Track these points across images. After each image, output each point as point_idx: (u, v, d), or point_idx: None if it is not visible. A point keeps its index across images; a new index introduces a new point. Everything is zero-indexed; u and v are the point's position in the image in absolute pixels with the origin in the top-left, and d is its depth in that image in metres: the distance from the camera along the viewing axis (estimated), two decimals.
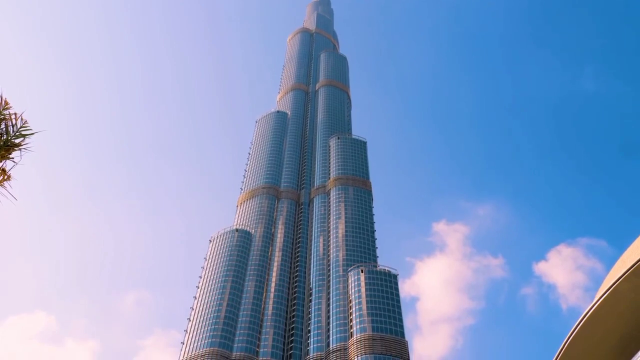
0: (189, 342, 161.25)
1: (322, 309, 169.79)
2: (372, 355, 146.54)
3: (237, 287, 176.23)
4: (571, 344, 50.68)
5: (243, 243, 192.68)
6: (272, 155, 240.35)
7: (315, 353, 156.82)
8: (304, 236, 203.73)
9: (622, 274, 47.18)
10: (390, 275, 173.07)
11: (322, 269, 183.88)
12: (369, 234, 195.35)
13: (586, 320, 49.53)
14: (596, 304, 49.03)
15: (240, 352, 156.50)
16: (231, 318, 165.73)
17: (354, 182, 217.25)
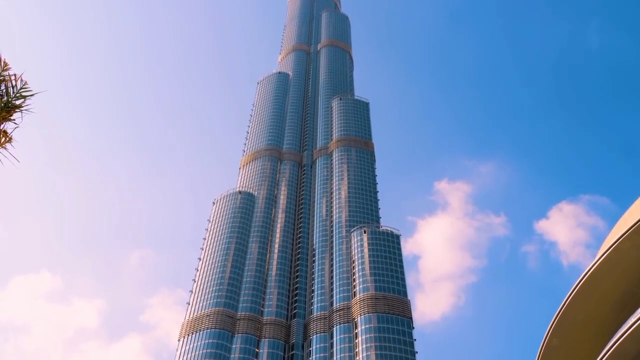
0: (194, 302, 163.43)
1: (325, 269, 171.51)
2: (375, 314, 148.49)
3: (241, 248, 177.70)
4: (572, 301, 51.22)
5: (246, 205, 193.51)
6: (274, 117, 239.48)
7: (318, 312, 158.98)
8: (307, 198, 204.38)
9: (625, 232, 47.37)
10: (393, 236, 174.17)
11: (325, 230, 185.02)
12: (372, 195, 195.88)
13: (588, 277, 49.94)
14: (598, 261, 49.35)
15: (245, 312, 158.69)
16: (235, 279, 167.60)
17: (356, 143, 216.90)
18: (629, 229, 47.27)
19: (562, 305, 52.14)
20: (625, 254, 48.26)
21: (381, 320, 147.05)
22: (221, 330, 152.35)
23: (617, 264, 48.67)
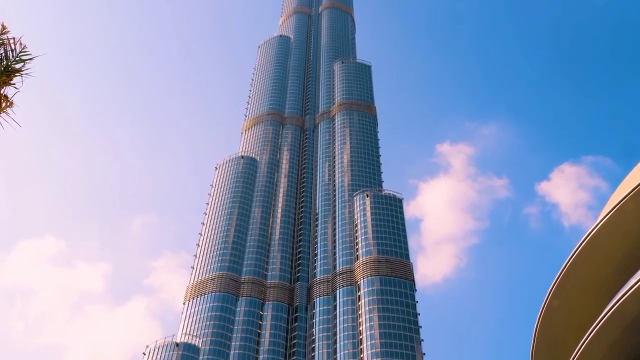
0: (198, 266, 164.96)
1: (328, 233, 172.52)
2: (378, 277, 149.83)
3: (244, 213, 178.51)
4: (574, 263, 51.52)
5: (249, 170, 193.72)
6: (275, 81, 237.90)
7: (322, 276, 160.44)
8: (309, 162, 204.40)
9: (628, 193, 47.32)
10: (395, 200, 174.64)
11: (328, 194, 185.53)
12: (374, 159, 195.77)
13: (590, 239, 50.12)
14: (600, 223, 49.46)
15: (249, 276, 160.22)
16: (239, 243, 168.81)
17: (358, 107, 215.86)
18: (632, 190, 47.22)
19: (563, 267, 52.45)
20: (628, 216, 48.32)
21: (384, 283, 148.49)
22: (225, 293, 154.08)
23: (620, 226, 48.77)
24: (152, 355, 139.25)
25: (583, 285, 52.94)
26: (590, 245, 50.50)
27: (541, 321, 54.92)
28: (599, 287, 51.81)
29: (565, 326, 54.04)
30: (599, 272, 51.98)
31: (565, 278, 52.61)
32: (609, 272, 51.31)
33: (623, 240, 49.93)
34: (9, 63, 12.04)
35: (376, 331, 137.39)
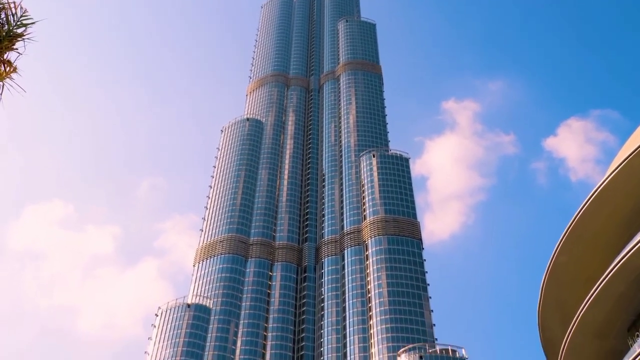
0: (207, 229, 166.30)
1: (335, 194, 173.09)
2: (385, 237, 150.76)
3: (251, 175, 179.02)
4: (581, 218, 51.63)
5: (254, 132, 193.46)
6: (279, 42, 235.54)
7: (329, 236, 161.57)
8: (315, 123, 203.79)
9: (636, 148, 47.08)
10: (402, 159, 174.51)
11: (334, 155, 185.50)
12: (380, 118, 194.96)
13: (597, 194, 50.10)
14: (608, 178, 49.36)
15: (257, 238, 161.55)
16: (247, 205, 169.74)
17: (363, 66, 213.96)
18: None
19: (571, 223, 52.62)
20: (635, 171, 48.17)
21: (391, 242, 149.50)
22: (235, 255, 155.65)
23: (627, 181, 48.68)
24: (164, 316, 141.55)
25: (590, 241, 53.18)
26: (598, 201, 50.55)
27: (548, 277, 55.38)
28: (606, 242, 52.02)
29: (572, 281, 54.49)
30: (606, 228, 52.13)
31: (572, 234, 52.83)
32: (615, 227, 51.44)
33: (630, 195, 49.91)
34: (11, 28, 11.97)
35: (384, 289, 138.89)
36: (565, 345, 52.09)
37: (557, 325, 57.09)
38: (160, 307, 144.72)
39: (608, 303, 48.25)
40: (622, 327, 50.01)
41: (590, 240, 53.24)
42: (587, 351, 52.22)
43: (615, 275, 46.34)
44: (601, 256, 51.63)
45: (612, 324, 49.92)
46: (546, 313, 57.85)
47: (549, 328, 58.67)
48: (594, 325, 49.97)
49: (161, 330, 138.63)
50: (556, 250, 54.03)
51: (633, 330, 48.39)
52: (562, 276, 54.67)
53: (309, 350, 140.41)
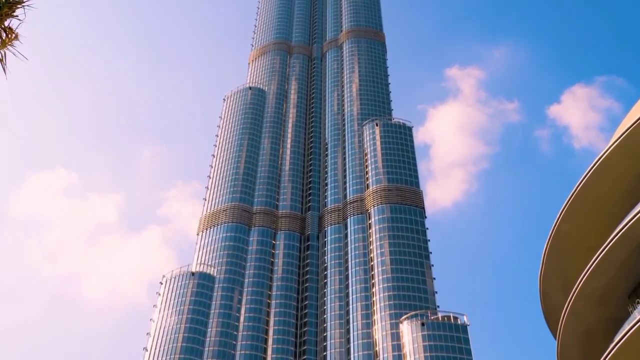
0: (210, 198, 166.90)
1: (338, 163, 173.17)
2: (388, 205, 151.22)
3: (254, 144, 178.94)
4: (584, 186, 51.65)
5: (257, 101, 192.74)
6: (281, 9, 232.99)
7: (332, 205, 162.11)
8: (318, 92, 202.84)
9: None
10: (405, 128, 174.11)
11: (337, 124, 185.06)
12: (383, 87, 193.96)
13: (601, 162, 50.00)
14: (611, 147, 49.22)
15: (260, 207, 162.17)
16: (250, 174, 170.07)
17: (366, 34, 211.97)
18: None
19: (573, 191, 52.65)
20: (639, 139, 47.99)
21: (394, 211, 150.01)
22: (238, 224, 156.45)
23: (631, 148, 48.54)
24: (168, 284, 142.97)
25: (592, 209, 53.27)
26: (600, 169, 50.49)
27: (550, 245, 55.62)
28: (608, 211, 52.11)
29: (574, 250, 54.72)
30: (608, 196, 52.17)
31: (574, 202, 52.89)
32: (618, 195, 51.47)
33: (633, 163, 49.83)
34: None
35: (387, 258, 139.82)
36: (565, 312, 52.57)
37: (558, 293, 57.53)
38: (165, 276, 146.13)
39: (609, 271, 48.55)
40: (623, 294, 50.39)
41: (593, 209, 53.33)
42: (588, 318, 52.72)
43: (617, 244, 46.53)
44: (603, 224, 51.75)
45: (613, 291, 50.29)
46: (547, 281, 58.25)
47: (550, 295, 59.13)
48: (595, 292, 50.35)
49: (166, 298, 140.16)
50: (558, 218, 54.17)
51: (634, 297, 48.78)
52: (564, 244, 54.89)
53: (312, 318, 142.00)
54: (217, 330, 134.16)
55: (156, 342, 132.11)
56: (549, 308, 60.23)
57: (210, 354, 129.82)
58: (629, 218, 45.94)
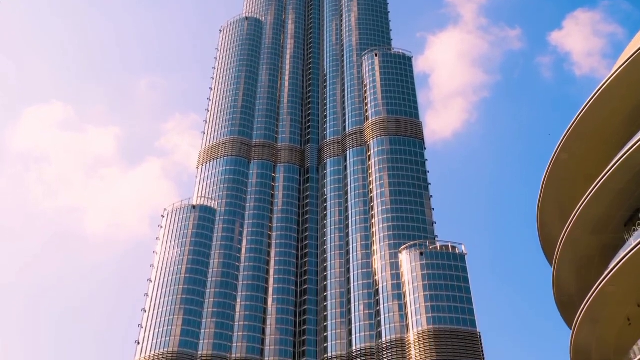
0: (209, 131, 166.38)
1: (337, 95, 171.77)
2: (388, 137, 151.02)
3: (251, 77, 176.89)
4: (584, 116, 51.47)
5: (254, 32, 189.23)
6: None
7: (332, 137, 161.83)
8: (316, 22, 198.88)
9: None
10: (405, 58, 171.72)
11: (336, 55, 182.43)
12: (382, 16, 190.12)
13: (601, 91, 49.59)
14: (614, 73, 48.68)
15: (259, 139, 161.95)
16: (248, 107, 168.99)
17: None
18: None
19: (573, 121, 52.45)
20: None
21: (393, 143, 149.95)
22: (237, 157, 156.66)
23: (634, 76, 47.98)
24: (170, 217, 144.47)
25: (592, 138, 53.26)
26: (601, 98, 50.13)
27: (549, 174, 55.91)
28: (608, 140, 52.10)
29: (572, 178, 55.06)
30: (608, 125, 52.04)
31: (574, 131, 52.82)
32: (618, 125, 51.35)
33: (635, 91, 49.41)
34: None
35: (386, 189, 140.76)
36: (562, 240, 53.38)
37: (555, 222, 58.27)
38: (166, 209, 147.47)
39: (607, 199, 48.99)
40: (620, 222, 51.03)
41: (592, 138, 53.27)
42: (584, 246, 53.59)
43: (616, 172, 46.74)
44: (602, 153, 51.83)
45: (610, 220, 50.91)
46: (545, 210, 58.88)
47: (547, 224, 59.91)
48: (592, 220, 50.98)
49: (168, 231, 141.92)
50: (558, 147, 54.20)
51: (630, 225, 49.42)
52: (563, 173, 55.17)
53: (313, 249, 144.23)
54: (220, 262, 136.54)
55: (160, 274, 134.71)
56: (546, 237, 61.17)
57: (213, 284, 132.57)
58: (628, 147, 45.96)
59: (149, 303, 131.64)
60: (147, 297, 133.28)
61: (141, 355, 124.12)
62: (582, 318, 51.25)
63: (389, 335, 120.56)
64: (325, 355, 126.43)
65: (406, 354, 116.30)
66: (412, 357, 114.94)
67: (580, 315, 51.30)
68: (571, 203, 52.45)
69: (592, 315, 50.70)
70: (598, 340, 54.24)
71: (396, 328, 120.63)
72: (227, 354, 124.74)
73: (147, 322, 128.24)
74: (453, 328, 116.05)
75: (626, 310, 49.39)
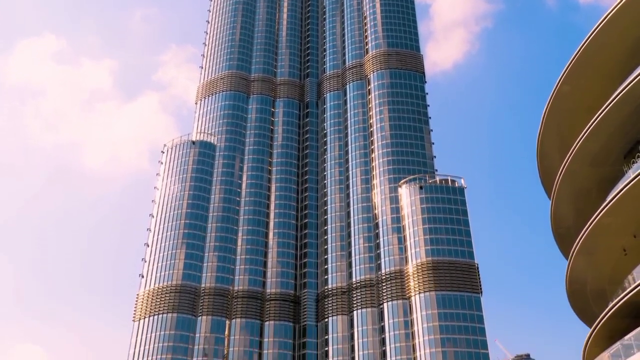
0: (207, 66, 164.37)
1: (336, 27, 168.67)
2: (388, 70, 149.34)
3: (249, 9, 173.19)
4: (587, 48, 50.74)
5: None
6: None
7: (331, 71, 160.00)
8: None
9: None
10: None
11: None
12: None
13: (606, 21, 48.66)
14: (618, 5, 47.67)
15: (258, 74, 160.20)
16: (246, 41, 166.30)
17: None
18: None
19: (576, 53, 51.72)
20: None
21: (393, 76, 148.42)
22: (236, 92, 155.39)
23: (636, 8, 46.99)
24: (170, 153, 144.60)
25: (595, 71, 52.69)
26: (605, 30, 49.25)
27: (550, 106, 55.61)
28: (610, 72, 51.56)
29: (573, 111, 54.80)
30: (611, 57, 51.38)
31: (577, 63, 52.20)
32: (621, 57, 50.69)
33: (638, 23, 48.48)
34: None
35: (386, 123, 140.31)
36: (561, 173, 53.59)
37: (555, 154, 58.36)
38: (166, 145, 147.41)
39: (607, 131, 48.89)
40: (619, 154, 51.07)
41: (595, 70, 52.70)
42: (583, 178, 53.85)
43: (617, 104, 46.46)
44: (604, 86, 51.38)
45: (609, 152, 50.95)
46: (545, 142, 58.85)
47: (547, 157, 60.03)
48: (592, 153, 51.03)
49: (168, 167, 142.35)
50: (560, 79, 53.67)
51: (629, 157, 49.49)
52: (564, 105, 54.85)
53: (313, 184, 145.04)
54: (220, 197, 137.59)
55: (161, 209, 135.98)
56: (545, 169, 61.41)
57: (214, 219, 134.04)
58: (630, 79, 45.51)
59: (151, 238, 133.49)
60: (149, 232, 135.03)
61: (145, 288, 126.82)
62: (579, 249, 52.03)
63: (388, 267, 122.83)
64: (325, 287, 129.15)
65: (405, 285, 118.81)
66: (411, 288, 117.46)
67: (576, 246, 52.06)
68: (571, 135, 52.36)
69: (589, 246, 51.46)
70: (593, 271, 55.27)
71: (395, 260, 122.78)
72: (229, 287, 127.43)
73: (151, 257, 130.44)
74: (451, 260, 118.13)
75: (622, 241, 50.09)
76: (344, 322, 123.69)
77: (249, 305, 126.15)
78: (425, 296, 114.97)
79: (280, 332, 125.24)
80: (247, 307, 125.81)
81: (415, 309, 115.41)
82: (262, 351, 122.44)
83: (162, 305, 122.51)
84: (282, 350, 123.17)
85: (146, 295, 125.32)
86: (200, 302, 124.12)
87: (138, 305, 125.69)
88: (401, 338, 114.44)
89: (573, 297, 59.92)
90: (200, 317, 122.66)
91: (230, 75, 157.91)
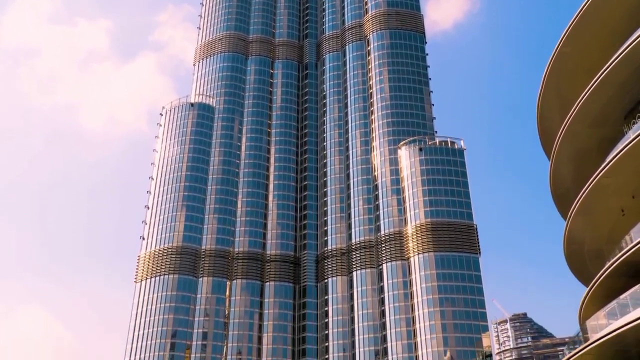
0: (204, 26, 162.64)
1: None
2: (388, 31, 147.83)
3: None
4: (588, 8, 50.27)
5: None
6: None
7: (330, 32, 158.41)
8: None
9: None
10: None
11: None
12: None
13: None
14: None
15: (256, 35, 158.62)
16: (244, 1, 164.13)
17: None
18: None
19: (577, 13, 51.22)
20: None
21: (393, 37, 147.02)
22: (235, 53, 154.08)
23: None
24: (169, 115, 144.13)
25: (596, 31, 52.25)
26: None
27: (551, 67, 55.29)
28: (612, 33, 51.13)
29: (574, 71, 54.48)
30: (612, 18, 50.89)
31: (578, 24, 51.72)
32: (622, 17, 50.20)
33: None
34: None
35: (386, 85, 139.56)
36: (561, 133, 53.58)
37: (555, 115, 58.23)
38: (165, 107, 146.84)
39: (608, 92, 48.70)
40: (619, 115, 51.00)
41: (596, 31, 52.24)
42: (582, 139, 53.84)
43: (618, 64, 46.17)
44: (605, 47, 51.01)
45: (610, 112, 50.85)
46: (545, 103, 58.67)
47: (547, 118, 59.90)
48: (592, 113, 50.92)
49: (167, 129, 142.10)
50: (561, 40, 53.23)
51: (630, 117, 49.43)
52: (565, 66, 54.52)
53: (312, 146, 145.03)
54: (220, 159, 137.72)
55: (161, 171, 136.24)
56: (545, 130, 61.37)
57: (214, 181, 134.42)
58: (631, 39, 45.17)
59: (151, 200, 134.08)
60: (149, 195, 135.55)
61: (146, 250, 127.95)
62: (577, 210, 52.34)
63: (388, 228, 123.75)
64: (325, 248, 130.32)
65: (404, 246, 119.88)
66: (410, 249, 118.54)
67: (575, 206, 52.35)
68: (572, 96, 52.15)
69: (587, 207, 51.74)
70: (591, 231, 55.68)
71: (394, 222, 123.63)
72: (229, 248, 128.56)
73: (151, 219, 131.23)
74: (450, 221, 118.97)
75: (620, 202, 50.34)
76: (344, 283, 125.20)
77: (250, 266, 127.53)
78: (424, 257, 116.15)
79: (280, 293, 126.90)
80: (248, 268, 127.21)
81: (413, 269, 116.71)
82: (263, 311, 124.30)
83: (163, 267, 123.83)
84: (282, 310, 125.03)
85: (147, 257, 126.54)
86: (201, 263, 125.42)
87: (139, 267, 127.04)
88: (400, 298, 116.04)
89: (571, 258, 60.49)
90: (201, 278, 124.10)
91: (229, 36, 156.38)
